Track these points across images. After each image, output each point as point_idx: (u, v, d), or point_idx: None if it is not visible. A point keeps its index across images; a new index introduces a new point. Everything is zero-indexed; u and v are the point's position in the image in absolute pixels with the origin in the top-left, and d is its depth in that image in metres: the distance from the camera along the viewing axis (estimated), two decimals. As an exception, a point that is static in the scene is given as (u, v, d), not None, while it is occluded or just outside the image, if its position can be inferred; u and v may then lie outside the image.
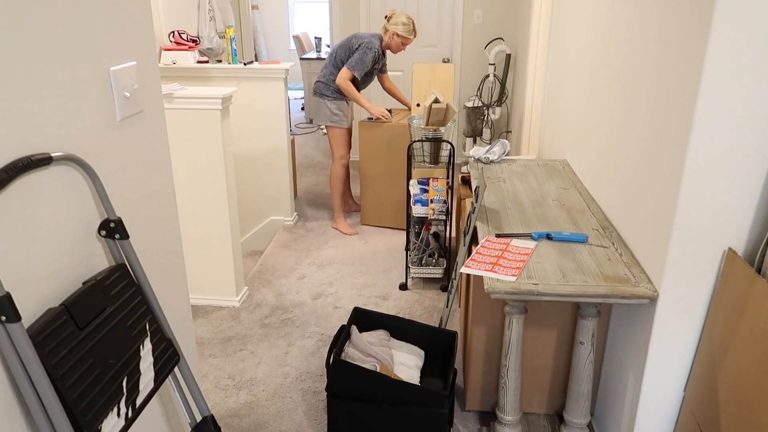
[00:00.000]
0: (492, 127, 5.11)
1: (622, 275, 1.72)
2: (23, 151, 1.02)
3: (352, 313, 2.32)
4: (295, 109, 7.94)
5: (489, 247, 1.91)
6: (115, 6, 1.27)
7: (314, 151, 6.04)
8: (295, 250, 3.79)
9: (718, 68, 1.40)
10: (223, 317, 2.99)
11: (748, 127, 1.43)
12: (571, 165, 2.75)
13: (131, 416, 1.18)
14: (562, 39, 3.09)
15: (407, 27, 3.74)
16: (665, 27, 1.65)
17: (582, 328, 1.87)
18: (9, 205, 0.99)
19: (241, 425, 2.26)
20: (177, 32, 3.84)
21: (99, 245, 1.25)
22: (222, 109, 2.76)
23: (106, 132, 1.26)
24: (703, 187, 1.50)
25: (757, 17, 1.35)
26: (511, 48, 4.94)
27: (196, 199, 2.90)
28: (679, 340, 1.66)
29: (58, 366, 1.02)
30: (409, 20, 3.76)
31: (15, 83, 1.00)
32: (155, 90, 1.46)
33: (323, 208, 4.51)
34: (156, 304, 1.34)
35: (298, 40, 7.92)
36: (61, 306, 1.08)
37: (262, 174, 4.01)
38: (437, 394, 1.98)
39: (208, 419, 1.44)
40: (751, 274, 1.39)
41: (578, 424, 1.98)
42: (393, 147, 3.88)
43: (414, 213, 3.22)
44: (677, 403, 1.74)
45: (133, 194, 1.38)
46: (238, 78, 3.73)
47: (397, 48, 3.83)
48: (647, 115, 1.77)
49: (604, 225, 2.08)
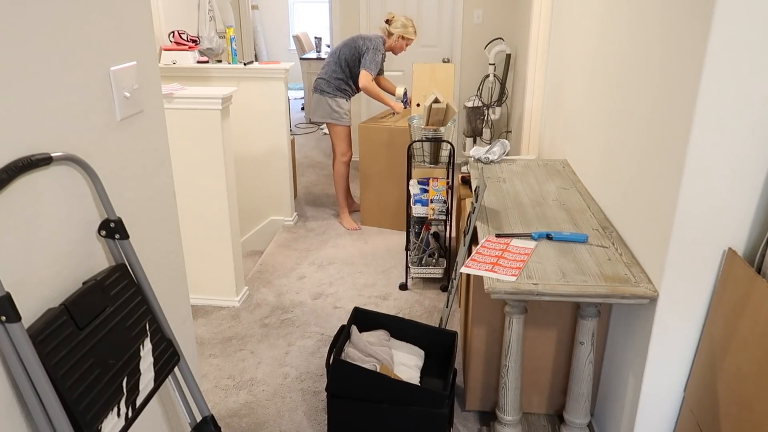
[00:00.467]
0: (492, 127, 5.11)
1: (622, 275, 1.72)
2: (23, 151, 1.02)
3: (352, 313, 2.32)
4: (295, 109, 7.94)
5: (489, 247, 1.91)
6: (115, 6, 1.27)
7: (314, 151, 6.04)
8: (295, 250, 3.79)
9: (718, 68, 1.40)
10: (223, 317, 2.99)
11: (748, 127, 1.43)
12: (571, 165, 2.75)
13: (131, 416, 1.18)
14: (562, 39, 3.09)
15: (410, 28, 3.84)
16: (665, 27, 1.65)
17: (582, 328, 1.87)
18: (9, 205, 0.99)
19: (241, 425, 2.26)
20: (177, 32, 3.84)
21: (99, 245, 1.25)
22: (222, 109, 2.76)
23: (106, 132, 1.26)
24: (703, 187, 1.50)
25: (757, 17, 1.35)
26: (511, 48, 4.94)
27: (196, 199, 2.90)
28: (679, 340, 1.66)
29: (58, 366, 1.02)
30: (408, 20, 3.85)
31: (15, 83, 1.00)
32: (155, 90, 1.46)
33: (323, 208, 4.51)
34: (156, 304, 1.34)
35: (298, 40, 7.92)
36: (61, 306, 1.08)
37: (262, 174, 4.01)
38: (437, 394, 1.98)
39: (208, 419, 1.44)
40: (751, 274, 1.39)
41: (578, 424, 1.98)
42: (393, 148, 3.88)
43: (414, 213, 3.22)
44: (677, 403, 1.74)
45: (133, 194, 1.38)
46: (238, 78, 3.73)
47: (400, 49, 3.90)
48: (647, 115, 1.77)
49: (604, 225, 2.08)
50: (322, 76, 3.94)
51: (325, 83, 3.91)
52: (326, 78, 3.91)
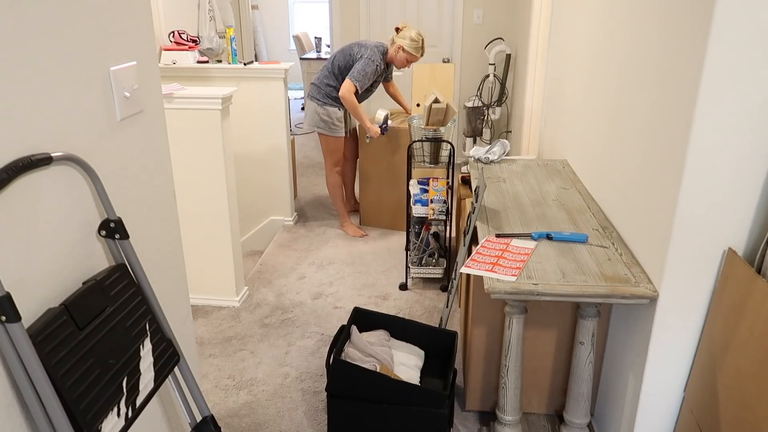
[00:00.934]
0: (492, 127, 5.11)
1: (622, 275, 1.72)
2: (23, 151, 1.02)
3: (352, 313, 2.32)
4: (295, 109, 7.94)
5: (489, 247, 1.91)
6: (115, 6, 1.27)
7: (314, 151, 6.04)
8: (295, 250, 3.79)
9: (718, 68, 1.40)
10: (223, 317, 2.99)
11: (748, 127, 1.43)
12: (571, 165, 2.75)
13: (131, 416, 1.18)
14: (562, 39, 3.09)
15: (415, 44, 3.54)
16: (665, 27, 1.65)
17: (582, 328, 1.87)
18: (9, 205, 0.99)
19: (241, 425, 2.26)
20: (177, 32, 3.84)
21: (99, 245, 1.25)
22: (222, 109, 2.76)
23: (106, 132, 1.26)
24: (703, 187, 1.50)
25: (757, 17, 1.35)
26: (511, 48, 4.94)
27: (196, 199, 2.90)
28: (679, 340, 1.66)
29: (58, 366, 1.02)
30: (418, 37, 3.55)
31: (15, 83, 1.00)
32: (155, 90, 1.46)
33: (323, 208, 4.51)
34: (156, 304, 1.34)
35: (298, 40, 7.92)
36: (61, 306, 1.08)
37: (262, 174, 4.01)
38: (437, 394, 1.98)
39: (208, 419, 1.44)
40: (751, 274, 1.39)
41: (578, 424, 1.98)
42: (393, 149, 3.88)
43: (414, 213, 3.22)
44: (677, 403, 1.74)
45: (133, 194, 1.38)
46: (238, 78, 3.73)
47: (401, 64, 3.63)
48: (647, 114, 1.77)
49: (604, 225, 2.08)
50: (314, 82, 3.79)
51: (316, 89, 3.75)
52: (317, 84, 3.76)
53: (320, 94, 3.72)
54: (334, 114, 3.71)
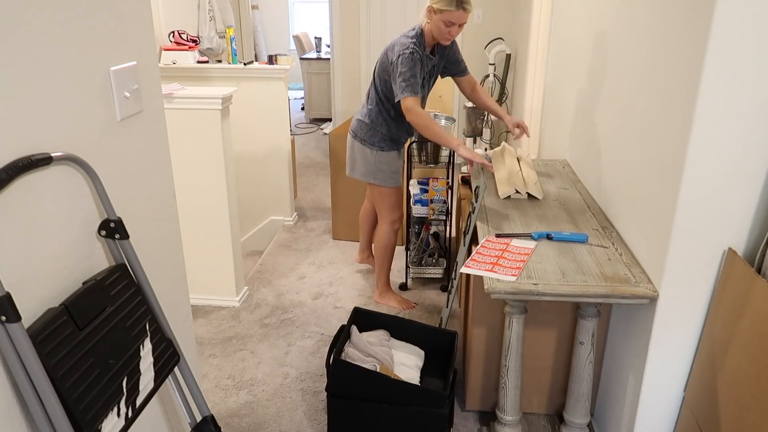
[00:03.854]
0: (492, 127, 5.10)
1: (622, 275, 1.72)
2: (23, 151, 1.02)
3: (352, 313, 2.32)
4: (295, 109, 7.94)
5: (489, 247, 1.91)
6: (115, 6, 1.27)
7: (314, 151, 6.04)
8: (295, 250, 3.78)
9: (717, 68, 1.40)
10: (223, 317, 2.99)
11: (748, 126, 1.43)
12: (571, 165, 2.75)
13: (131, 416, 1.18)
14: (562, 39, 3.09)
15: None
16: (665, 27, 1.65)
17: (582, 328, 1.87)
18: (9, 205, 0.99)
19: (241, 425, 2.26)
20: (177, 32, 3.84)
21: (99, 245, 1.25)
22: (222, 109, 2.76)
23: (106, 132, 1.26)
24: (703, 187, 1.50)
25: (757, 17, 1.35)
26: (511, 48, 4.93)
27: (196, 200, 2.90)
28: (679, 340, 1.66)
29: (58, 366, 1.02)
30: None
31: (15, 83, 1.00)
32: (155, 90, 1.46)
33: (323, 209, 4.50)
34: (156, 304, 1.34)
35: (298, 40, 7.92)
36: (61, 306, 1.08)
37: (262, 174, 4.01)
38: (437, 394, 1.98)
39: (208, 419, 1.44)
40: (751, 274, 1.39)
41: (578, 424, 1.98)
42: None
43: (414, 213, 3.22)
44: (677, 403, 1.74)
45: (133, 194, 1.38)
46: (238, 78, 3.73)
47: (442, 34, 2.57)
48: (647, 114, 1.77)
49: (604, 225, 2.08)
50: (358, 116, 2.79)
51: (359, 126, 2.76)
52: (361, 118, 2.76)
53: (368, 132, 2.74)
54: (392, 160, 2.80)
